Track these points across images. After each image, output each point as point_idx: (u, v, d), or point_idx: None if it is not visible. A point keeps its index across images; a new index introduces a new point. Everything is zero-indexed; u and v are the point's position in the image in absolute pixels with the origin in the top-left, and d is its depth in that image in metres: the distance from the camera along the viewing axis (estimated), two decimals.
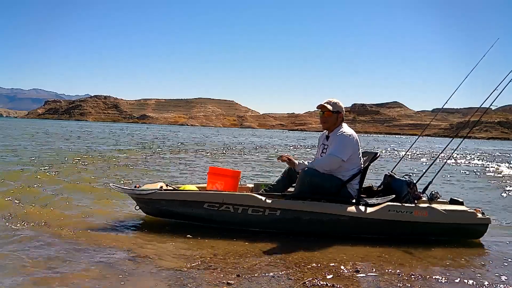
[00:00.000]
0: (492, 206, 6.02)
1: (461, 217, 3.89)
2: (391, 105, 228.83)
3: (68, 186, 5.82)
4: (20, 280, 2.54)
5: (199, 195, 3.85)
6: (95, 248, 3.19)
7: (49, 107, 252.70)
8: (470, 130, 5.27)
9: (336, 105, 3.98)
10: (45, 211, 4.26)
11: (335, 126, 3.99)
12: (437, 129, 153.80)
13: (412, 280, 2.86)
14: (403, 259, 3.36)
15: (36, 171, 7.10)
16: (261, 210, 3.76)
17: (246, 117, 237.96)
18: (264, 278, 2.76)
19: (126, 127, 71.02)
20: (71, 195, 5.18)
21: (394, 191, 4.04)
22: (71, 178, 6.64)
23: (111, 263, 2.89)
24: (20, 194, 5.03)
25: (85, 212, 4.31)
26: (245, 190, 4.38)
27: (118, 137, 24.89)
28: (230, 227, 3.84)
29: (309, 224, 3.79)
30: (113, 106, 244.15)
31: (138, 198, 3.98)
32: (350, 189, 3.88)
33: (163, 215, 4.01)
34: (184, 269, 2.84)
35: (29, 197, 4.89)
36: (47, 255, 3.00)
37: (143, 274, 2.73)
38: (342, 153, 3.81)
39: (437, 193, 4.07)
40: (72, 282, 2.55)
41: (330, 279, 2.80)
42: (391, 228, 3.83)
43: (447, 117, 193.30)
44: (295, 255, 3.26)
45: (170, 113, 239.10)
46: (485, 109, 4.50)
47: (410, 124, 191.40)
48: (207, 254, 3.19)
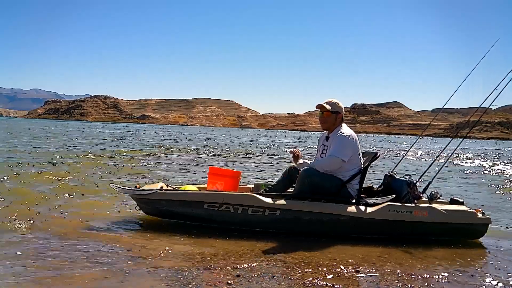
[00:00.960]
0: (492, 206, 6.02)
1: (461, 217, 3.89)
2: (391, 105, 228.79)
3: (68, 186, 5.82)
4: (20, 280, 2.54)
5: (199, 195, 3.85)
6: (95, 248, 3.19)
7: (49, 107, 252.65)
8: (470, 130, 5.26)
9: (335, 106, 3.98)
10: (45, 211, 4.26)
11: (335, 126, 3.99)
12: (437, 129, 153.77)
13: (412, 280, 2.86)
14: (403, 259, 3.36)
15: (35, 171, 7.09)
16: (261, 210, 3.77)
17: (246, 117, 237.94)
18: (264, 278, 2.76)
19: (132, 127, 71.01)
20: (71, 195, 5.18)
21: (394, 191, 4.04)
22: (71, 178, 6.64)
23: (111, 263, 2.89)
24: (20, 194, 5.03)
25: (85, 212, 4.32)
26: (245, 190, 4.38)
27: (131, 138, 24.90)
28: (230, 227, 3.84)
29: (309, 224, 3.79)
30: (113, 106, 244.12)
31: (138, 198, 3.98)
32: (350, 189, 3.88)
33: (163, 215, 4.01)
34: (184, 269, 2.84)
35: (29, 197, 4.89)
36: (47, 255, 3.00)
37: (143, 274, 2.73)
38: (342, 154, 3.81)
39: (437, 193, 4.07)
40: (72, 282, 2.55)
41: (330, 279, 2.80)
42: (391, 228, 3.83)
43: (447, 117, 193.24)
44: (295, 255, 3.26)
45: (170, 113, 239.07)
46: (485, 109, 4.50)
47: (410, 124, 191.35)
48: (207, 254, 3.19)
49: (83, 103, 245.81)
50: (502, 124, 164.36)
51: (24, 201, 4.63)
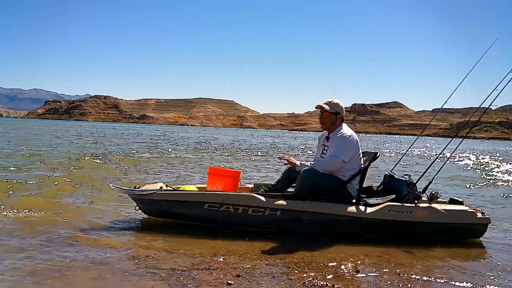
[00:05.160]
0: (492, 205, 6.02)
1: (461, 217, 3.89)
2: (391, 105, 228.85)
3: (68, 186, 5.82)
4: (20, 280, 2.54)
5: (200, 196, 3.85)
6: (95, 248, 3.19)
7: (49, 107, 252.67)
8: (470, 130, 5.26)
9: (335, 106, 3.98)
10: (45, 211, 4.25)
11: (334, 126, 3.99)
12: (437, 129, 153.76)
13: (412, 280, 2.86)
14: (403, 259, 3.36)
15: (35, 171, 7.10)
16: (261, 211, 3.76)
17: (246, 117, 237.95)
18: (264, 278, 2.76)
19: (133, 127, 71.03)
20: (71, 195, 5.18)
21: (394, 191, 4.04)
22: (72, 178, 6.63)
23: (111, 263, 2.89)
24: (19, 195, 5.02)
25: (85, 212, 4.31)
26: (245, 190, 4.37)
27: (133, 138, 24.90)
28: (230, 227, 3.84)
29: (309, 224, 3.79)
30: (113, 106, 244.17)
31: (138, 198, 3.98)
32: (350, 189, 3.88)
33: (163, 215, 4.01)
34: (184, 269, 2.84)
35: (28, 197, 4.88)
36: (47, 255, 3.00)
37: (143, 274, 2.73)
38: (343, 154, 3.81)
39: (437, 192, 4.07)
40: (72, 282, 2.55)
41: (330, 279, 2.80)
42: (391, 228, 3.83)
43: (447, 117, 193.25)
44: (295, 255, 3.26)
45: (170, 113, 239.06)
46: (485, 109, 4.50)
47: (410, 124, 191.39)
48: (207, 254, 3.19)
49: (83, 103, 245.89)
50: (502, 124, 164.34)
51: (23, 201, 4.63)
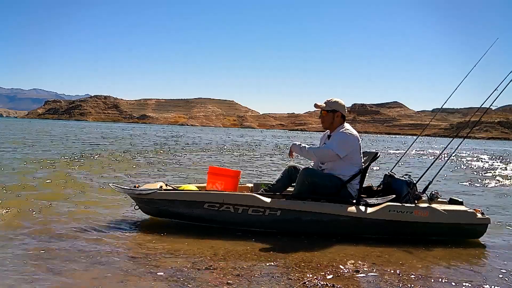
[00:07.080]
0: (491, 206, 6.02)
1: (461, 217, 3.89)
2: (391, 105, 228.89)
3: (68, 186, 5.82)
4: (20, 280, 2.54)
5: (199, 195, 3.85)
6: (95, 248, 3.19)
7: (49, 107, 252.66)
8: (470, 130, 5.26)
9: (333, 104, 3.97)
10: (44, 211, 4.26)
11: (334, 125, 3.98)
12: (437, 129, 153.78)
13: (412, 280, 2.86)
14: (403, 259, 3.36)
15: (35, 171, 7.10)
16: (261, 210, 3.76)
17: (246, 117, 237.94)
18: (264, 278, 2.76)
19: (136, 127, 71.03)
20: (71, 195, 5.18)
21: (394, 191, 4.04)
22: (72, 178, 6.64)
23: (111, 263, 2.89)
24: (19, 194, 5.02)
25: (85, 212, 4.32)
26: (245, 189, 4.38)
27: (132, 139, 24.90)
28: (230, 227, 3.84)
29: (309, 224, 3.79)
30: (113, 106, 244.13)
31: (138, 198, 3.98)
32: (350, 189, 3.88)
33: (163, 215, 4.01)
34: (184, 269, 2.84)
35: (28, 197, 4.88)
36: (47, 255, 3.00)
37: (143, 274, 2.73)
38: (339, 148, 3.81)
39: (437, 193, 4.07)
40: (72, 282, 2.55)
41: (330, 279, 2.79)
42: (391, 228, 3.83)
43: (447, 117, 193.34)
44: (295, 255, 3.26)
45: (170, 113, 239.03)
46: (485, 109, 4.50)
47: (410, 124, 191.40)
48: (207, 254, 3.19)
49: (83, 103, 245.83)
50: (502, 124, 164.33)
51: (23, 202, 4.63)
